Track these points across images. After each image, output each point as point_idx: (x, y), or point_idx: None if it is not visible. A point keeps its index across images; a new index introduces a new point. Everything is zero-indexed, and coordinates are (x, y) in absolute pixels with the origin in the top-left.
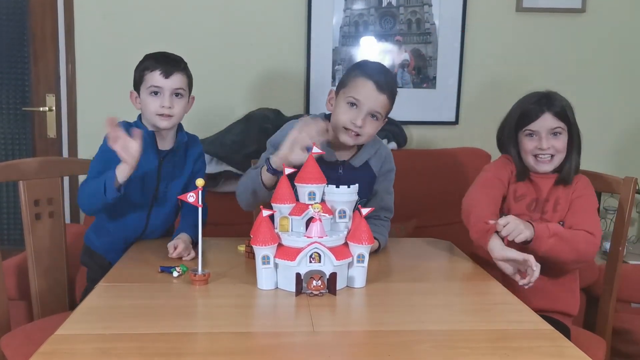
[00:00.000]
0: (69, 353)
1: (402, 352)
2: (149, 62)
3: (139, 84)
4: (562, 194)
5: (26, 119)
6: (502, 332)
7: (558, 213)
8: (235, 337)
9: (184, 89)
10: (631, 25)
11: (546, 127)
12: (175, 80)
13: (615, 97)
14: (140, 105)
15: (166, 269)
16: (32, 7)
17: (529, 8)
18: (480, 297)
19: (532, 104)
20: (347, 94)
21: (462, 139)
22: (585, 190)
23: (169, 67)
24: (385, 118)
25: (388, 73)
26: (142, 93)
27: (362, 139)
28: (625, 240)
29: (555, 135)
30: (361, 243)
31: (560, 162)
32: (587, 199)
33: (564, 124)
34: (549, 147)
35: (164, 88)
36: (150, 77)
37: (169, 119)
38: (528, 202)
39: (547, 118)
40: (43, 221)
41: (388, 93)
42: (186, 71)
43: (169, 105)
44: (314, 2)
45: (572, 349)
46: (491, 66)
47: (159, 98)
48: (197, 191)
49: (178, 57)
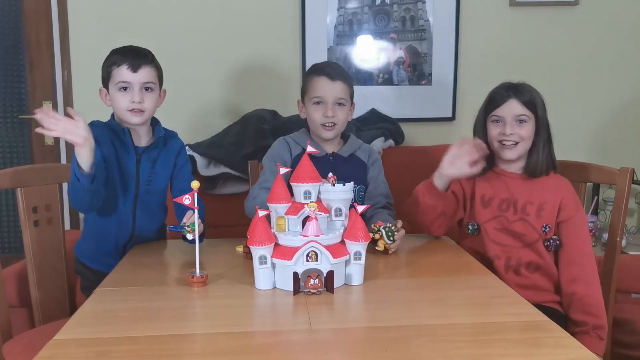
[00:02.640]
0: (68, 357)
1: (399, 347)
2: (116, 56)
3: (107, 81)
4: (548, 197)
5: (23, 126)
6: (499, 325)
7: (543, 219)
8: (233, 337)
9: (153, 82)
10: (624, 18)
11: (511, 113)
12: (144, 74)
13: (609, 90)
14: (110, 102)
15: (176, 228)
16: (26, 15)
17: (522, 2)
18: (477, 291)
19: (500, 89)
20: (310, 96)
21: (459, 134)
22: (576, 210)
23: (136, 61)
24: (352, 103)
25: (334, 64)
26: (111, 89)
27: (338, 126)
28: (623, 231)
29: (521, 122)
30: (358, 240)
31: (524, 151)
32: (579, 222)
33: (530, 113)
34: (513, 134)
35: (133, 83)
36: (117, 72)
37: (140, 114)
38: (498, 203)
39: (512, 104)
40: (41, 228)
41: (341, 79)
42: (154, 63)
43: (139, 100)
44: (307, 2)
45: (568, 339)
46: (486, 61)
47: (128, 93)
48: (193, 193)
49: (145, 50)
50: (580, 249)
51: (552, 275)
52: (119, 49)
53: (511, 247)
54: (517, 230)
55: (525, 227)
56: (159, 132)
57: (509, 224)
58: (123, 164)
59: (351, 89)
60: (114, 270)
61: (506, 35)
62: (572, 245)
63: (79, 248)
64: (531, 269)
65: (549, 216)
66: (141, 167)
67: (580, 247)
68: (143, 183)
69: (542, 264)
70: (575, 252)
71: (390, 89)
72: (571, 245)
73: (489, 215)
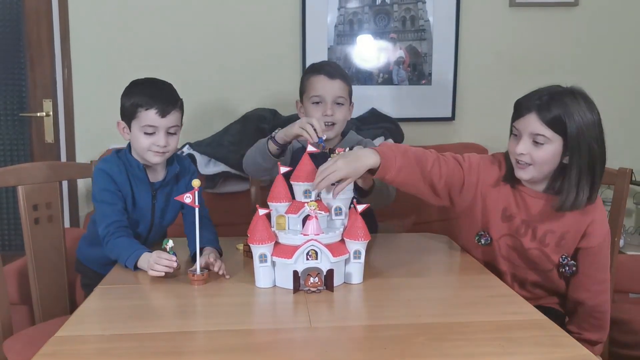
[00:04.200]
0: (69, 354)
1: (399, 345)
2: (143, 98)
3: (130, 118)
4: (572, 225)
5: (24, 124)
6: (497, 324)
7: (563, 249)
8: (233, 335)
9: (178, 126)
10: (624, 19)
11: (528, 130)
12: (172, 119)
13: (608, 91)
14: (130, 137)
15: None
16: (27, 13)
17: (522, 3)
18: (476, 290)
19: (526, 97)
20: (309, 96)
21: (458, 134)
22: (603, 240)
23: (166, 107)
24: (351, 102)
25: (333, 63)
26: (134, 128)
27: (337, 126)
28: (622, 231)
29: (537, 144)
30: (357, 239)
31: (541, 175)
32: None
33: (552, 133)
34: (525, 154)
35: (159, 127)
36: (144, 115)
37: (162, 155)
38: (518, 224)
39: (530, 119)
40: (42, 225)
41: (340, 77)
42: (181, 107)
43: (164, 144)
44: (308, 2)
45: (566, 338)
46: (486, 61)
47: (153, 137)
48: (194, 192)
49: (174, 93)
50: (594, 276)
51: (557, 290)
52: (143, 86)
53: (521, 268)
54: (531, 257)
55: (541, 257)
56: (174, 169)
57: (523, 249)
58: (138, 199)
59: (350, 88)
60: (114, 268)
61: (506, 35)
62: (589, 275)
63: (82, 253)
64: (536, 286)
65: (570, 245)
66: (157, 203)
67: (594, 274)
68: (157, 216)
69: (549, 285)
70: (591, 281)
71: (390, 89)
72: (588, 276)
73: (505, 231)
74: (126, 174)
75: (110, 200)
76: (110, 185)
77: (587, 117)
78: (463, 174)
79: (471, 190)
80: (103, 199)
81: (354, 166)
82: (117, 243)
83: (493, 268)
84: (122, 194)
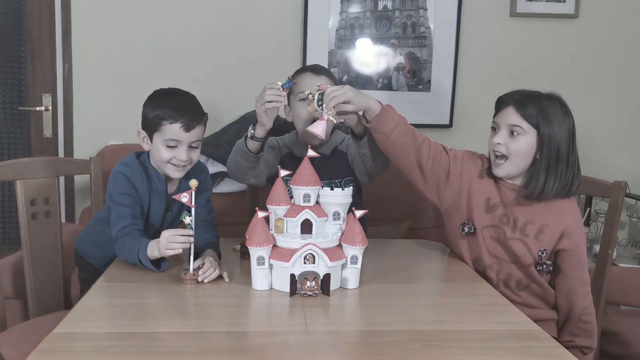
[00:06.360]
0: (66, 351)
1: (394, 351)
2: (168, 111)
3: (153, 130)
4: (550, 221)
5: (23, 118)
6: (492, 333)
7: (542, 243)
8: (229, 336)
9: (200, 140)
10: (623, 31)
11: (505, 121)
12: (195, 133)
13: (607, 102)
14: (150, 148)
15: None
16: (29, 7)
17: (522, 13)
18: (470, 298)
19: (506, 94)
20: (296, 93)
21: (456, 142)
22: (580, 238)
23: (192, 122)
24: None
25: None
26: (156, 140)
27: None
28: (615, 243)
29: (513, 134)
30: (355, 245)
31: (517, 170)
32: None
33: (528, 125)
34: (501, 144)
35: (183, 142)
36: (169, 128)
37: (183, 169)
38: (500, 214)
39: (509, 111)
40: (39, 220)
41: (326, 74)
42: (206, 121)
43: (186, 159)
44: (310, 5)
45: (558, 349)
46: (485, 70)
47: (174, 150)
48: (191, 192)
49: (199, 107)
50: (579, 277)
51: (541, 295)
52: (171, 99)
53: (503, 262)
54: (513, 248)
55: (522, 248)
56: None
57: (506, 240)
58: (152, 209)
59: (336, 84)
60: (111, 266)
61: (506, 45)
62: (574, 276)
63: (83, 249)
64: (520, 287)
65: (548, 241)
66: (169, 214)
67: (578, 275)
68: (167, 223)
69: (530, 284)
70: (577, 282)
71: (389, 94)
72: (573, 277)
73: (488, 222)
74: (147, 182)
75: (129, 203)
76: (131, 190)
77: (559, 118)
78: (449, 160)
79: (456, 179)
80: (122, 202)
81: (359, 96)
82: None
83: (479, 262)
84: (140, 199)
